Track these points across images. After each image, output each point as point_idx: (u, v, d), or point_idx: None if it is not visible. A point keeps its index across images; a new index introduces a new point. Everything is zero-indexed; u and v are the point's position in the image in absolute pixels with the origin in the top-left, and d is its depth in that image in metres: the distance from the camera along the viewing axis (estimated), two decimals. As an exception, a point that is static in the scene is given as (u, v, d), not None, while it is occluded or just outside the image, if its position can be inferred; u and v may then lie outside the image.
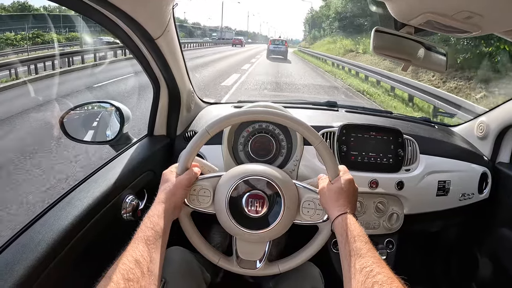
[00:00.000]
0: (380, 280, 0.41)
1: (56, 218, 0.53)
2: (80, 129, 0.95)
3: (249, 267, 0.61)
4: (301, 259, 0.61)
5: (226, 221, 0.57)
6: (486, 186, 1.00)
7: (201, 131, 0.59)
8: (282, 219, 0.56)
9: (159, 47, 0.70)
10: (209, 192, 0.60)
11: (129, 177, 0.73)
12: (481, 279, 1.04)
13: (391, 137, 0.85)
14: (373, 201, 0.85)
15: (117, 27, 0.61)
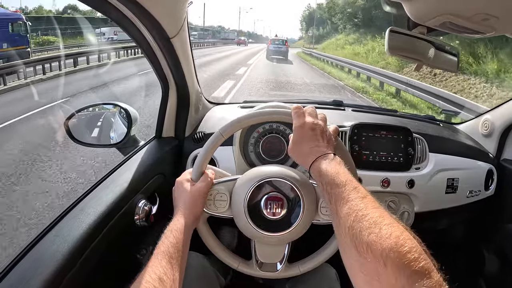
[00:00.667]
0: (370, 222, 0.37)
1: (69, 227, 0.52)
2: (86, 132, 0.93)
3: (270, 270, 0.61)
4: (321, 259, 0.61)
5: (245, 225, 0.57)
6: (492, 183, 1.01)
7: (215, 134, 0.59)
8: (302, 220, 0.56)
9: (173, 46, 0.68)
10: (226, 197, 0.59)
11: (140, 181, 0.72)
12: (489, 275, 1.06)
13: (401, 136, 0.86)
14: (385, 200, 0.86)
15: (133, 25, 0.59)
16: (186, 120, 0.89)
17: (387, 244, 0.33)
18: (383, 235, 0.34)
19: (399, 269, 0.31)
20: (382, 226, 0.36)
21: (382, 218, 0.37)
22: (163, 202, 0.77)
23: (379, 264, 0.33)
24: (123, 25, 0.59)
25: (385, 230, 0.35)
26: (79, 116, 0.91)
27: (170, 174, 0.84)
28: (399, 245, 0.33)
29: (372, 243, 0.34)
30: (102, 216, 0.56)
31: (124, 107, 0.89)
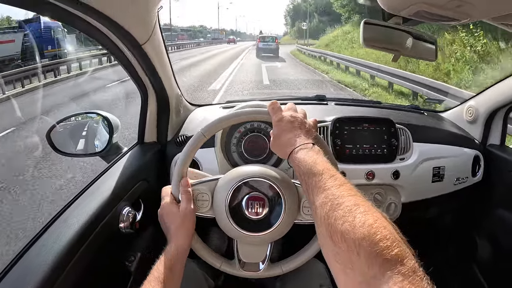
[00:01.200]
0: (342, 212, 0.36)
1: (53, 240, 0.52)
2: (69, 142, 0.92)
3: (252, 269, 0.61)
4: (303, 259, 0.61)
5: (227, 225, 0.56)
6: (479, 169, 1.01)
7: (196, 135, 0.59)
8: (284, 220, 0.55)
9: (146, 52, 0.68)
10: (208, 196, 0.59)
11: (124, 188, 0.71)
12: (482, 261, 1.06)
13: (384, 127, 0.86)
14: (371, 192, 0.86)
15: (102, 34, 0.59)
16: (168, 124, 0.88)
17: (360, 233, 0.33)
18: (357, 224, 0.34)
19: (371, 258, 0.31)
20: (356, 214, 0.35)
21: (357, 206, 0.36)
22: (148, 208, 0.77)
23: (352, 253, 0.33)
24: (93, 35, 0.58)
25: (359, 218, 0.35)
26: (60, 127, 0.90)
27: (153, 179, 0.84)
28: (371, 233, 0.33)
29: (346, 232, 0.34)
30: (85, 225, 0.56)
31: (105, 115, 0.88)
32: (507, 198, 0.97)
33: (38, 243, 0.51)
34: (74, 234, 0.53)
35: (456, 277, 1.13)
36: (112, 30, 0.57)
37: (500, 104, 0.99)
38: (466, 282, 1.09)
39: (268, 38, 15.98)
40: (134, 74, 0.75)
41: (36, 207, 2.26)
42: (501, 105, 0.99)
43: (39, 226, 0.56)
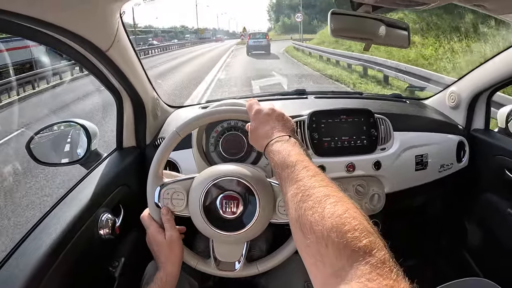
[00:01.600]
0: (312, 203, 0.36)
1: (31, 250, 0.52)
2: (49, 152, 0.92)
3: (228, 268, 0.60)
4: (280, 258, 0.60)
5: (201, 224, 0.56)
6: (464, 154, 1.01)
7: (171, 134, 0.59)
8: (258, 219, 0.55)
9: (111, 58, 0.67)
10: (183, 195, 0.59)
11: (103, 194, 0.71)
12: (472, 246, 1.06)
13: (362, 118, 0.85)
14: (352, 184, 0.85)
15: (64, 44, 0.58)
16: (145, 128, 0.88)
17: (328, 224, 0.32)
18: (326, 215, 0.33)
19: (339, 249, 0.30)
20: (326, 205, 0.34)
21: (327, 197, 0.35)
22: (128, 212, 0.76)
23: (321, 245, 0.32)
24: (54, 46, 0.58)
25: (328, 209, 0.34)
26: (38, 138, 0.90)
27: (134, 183, 0.83)
28: (340, 224, 0.32)
29: (314, 223, 0.33)
30: (64, 233, 0.56)
31: (81, 123, 0.88)
32: (494, 182, 0.97)
33: (16, 254, 0.51)
34: (52, 243, 0.53)
35: (448, 265, 1.12)
36: (73, 41, 0.57)
37: (482, 88, 0.98)
38: (459, 269, 1.08)
39: (258, 35, 15.24)
40: (105, 81, 0.75)
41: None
42: (483, 89, 0.98)
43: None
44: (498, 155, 0.94)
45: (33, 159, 0.85)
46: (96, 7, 0.56)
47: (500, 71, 0.90)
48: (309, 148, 0.82)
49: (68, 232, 0.57)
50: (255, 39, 14.82)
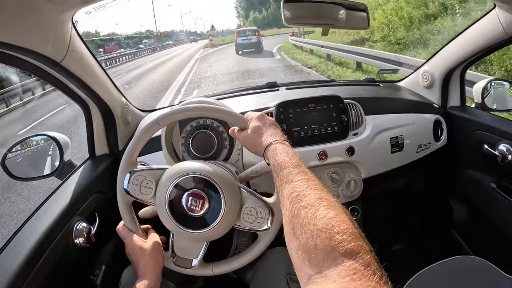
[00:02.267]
0: (307, 202, 0.37)
1: (4, 264, 0.52)
2: (24, 167, 0.91)
3: (183, 265, 0.60)
4: (236, 265, 0.60)
5: (165, 217, 0.56)
6: (442, 133, 1.00)
7: (150, 122, 0.58)
8: (221, 221, 0.55)
9: (67, 68, 0.67)
10: (152, 184, 0.59)
11: (77, 203, 0.71)
12: (459, 224, 1.05)
13: (332, 104, 0.84)
14: (326, 172, 0.84)
15: (19, 60, 0.57)
16: (116, 134, 0.87)
17: (319, 225, 0.34)
18: (317, 216, 0.35)
19: (327, 250, 0.32)
20: (319, 207, 0.36)
21: (320, 200, 0.37)
22: (104, 219, 0.76)
23: (310, 245, 0.34)
24: (11, 63, 0.57)
25: (321, 211, 0.36)
26: (12, 154, 0.90)
27: (108, 190, 0.83)
28: (330, 226, 0.34)
29: (306, 224, 0.35)
30: (37, 245, 0.56)
31: (52, 135, 0.88)
32: (474, 158, 0.96)
33: None
34: (26, 255, 0.53)
35: (437, 245, 1.11)
36: (25, 55, 0.56)
37: (454, 64, 0.97)
38: (448, 248, 1.07)
39: (248, 32, 13.44)
40: (69, 92, 0.74)
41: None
42: (455, 65, 0.98)
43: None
44: (476, 130, 0.94)
45: (9, 176, 0.85)
46: (43, 19, 0.55)
47: (470, 46, 0.89)
48: None
49: (42, 243, 0.57)
50: (244, 37, 13.09)
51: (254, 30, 13.56)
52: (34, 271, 0.53)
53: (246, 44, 12.86)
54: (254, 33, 13.26)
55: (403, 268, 0.77)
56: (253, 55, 11.75)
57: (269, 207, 0.58)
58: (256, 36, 13.06)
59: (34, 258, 0.54)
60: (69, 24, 0.64)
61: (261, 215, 0.58)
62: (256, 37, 13.05)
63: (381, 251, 1.13)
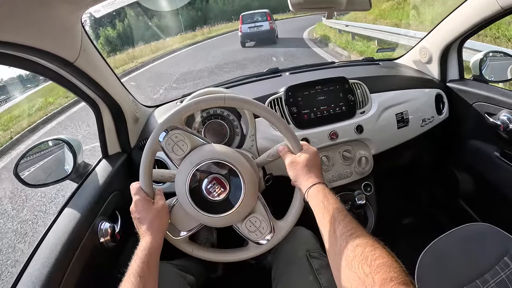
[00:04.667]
0: (363, 241, 0.42)
1: (38, 269, 0.53)
2: (37, 174, 0.92)
3: (172, 233, 0.62)
4: (213, 258, 0.63)
5: (181, 182, 0.58)
6: (443, 106, 1.03)
7: (219, 95, 0.59)
8: (234, 212, 0.57)
9: (80, 68, 0.67)
10: (186, 148, 0.59)
11: (97, 204, 0.72)
12: (465, 193, 1.08)
13: (338, 85, 0.86)
14: (338, 151, 0.86)
15: (31, 63, 0.58)
16: (127, 132, 0.88)
17: (379, 262, 0.38)
18: (375, 254, 0.39)
19: (386, 283, 0.36)
20: (374, 245, 0.41)
21: (372, 241, 0.42)
22: (125, 217, 0.77)
23: (368, 278, 0.37)
24: (24, 67, 0.57)
25: (377, 249, 0.40)
26: (24, 161, 0.90)
27: (126, 188, 0.84)
28: (388, 263, 0.38)
29: (365, 260, 0.39)
30: (67, 247, 0.57)
31: (63, 139, 0.88)
32: (476, 128, 0.99)
33: (25, 274, 0.52)
34: (57, 259, 0.54)
35: (446, 215, 1.15)
36: (40, 57, 0.56)
37: (451, 38, 1.00)
38: (457, 218, 1.11)
39: (255, 16, 9.07)
40: (79, 92, 0.74)
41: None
42: (452, 39, 1.00)
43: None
44: (476, 102, 0.97)
45: (22, 184, 0.85)
46: (56, 21, 0.55)
47: (466, 20, 0.91)
48: (290, 122, 0.84)
49: (71, 245, 0.58)
50: (251, 23, 8.84)
51: (264, 13, 9.16)
52: (67, 272, 0.55)
53: (254, 34, 8.83)
54: (265, 16, 9.01)
55: (417, 239, 0.80)
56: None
57: (273, 227, 0.61)
58: (268, 21, 8.89)
59: (65, 260, 0.56)
60: (79, 23, 0.64)
61: (262, 230, 0.60)
62: (267, 22, 8.87)
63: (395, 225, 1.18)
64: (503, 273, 0.67)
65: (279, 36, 9.14)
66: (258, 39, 8.71)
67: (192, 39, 13.22)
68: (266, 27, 8.78)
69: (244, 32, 8.86)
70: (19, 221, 2.53)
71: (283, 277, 0.65)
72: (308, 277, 0.62)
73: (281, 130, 0.60)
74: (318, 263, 0.65)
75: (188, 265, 0.79)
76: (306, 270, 0.63)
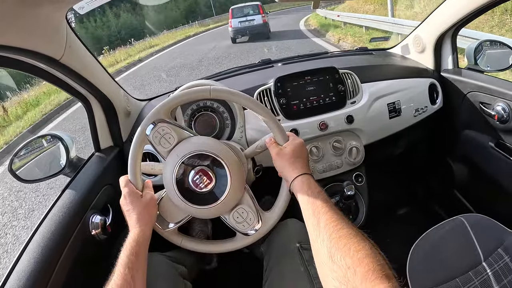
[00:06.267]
0: (346, 233, 0.42)
1: (29, 263, 0.54)
2: (32, 170, 0.93)
3: (160, 224, 0.62)
4: (201, 249, 0.63)
5: (169, 177, 0.58)
6: (437, 96, 1.02)
7: (203, 87, 0.59)
8: (221, 203, 0.57)
9: (67, 65, 0.67)
10: (173, 140, 0.60)
11: (89, 197, 0.72)
12: (460, 184, 1.08)
13: (327, 75, 0.86)
14: (329, 141, 0.86)
15: (19, 62, 0.58)
16: (119, 126, 0.88)
17: (361, 254, 0.38)
18: (358, 246, 0.39)
19: (368, 275, 0.36)
20: (356, 238, 0.41)
21: (356, 232, 0.42)
22: (117, 210, 0.78)
23: (350, 271, 0.37)
24: (10, 66, 0.58)
25: (359, 242, 0.40)
26: (18, 158, 0.91)
27: (117, 182, 0.84)
28: (371, 255, 0.38)
29: (347, 252, 0.39)
30: (59, 239, 0.58)
31: (55, 134, 0.89)
32: (470, 118, 0.98)
33: (18, 266, 0.53)
34: (48, 252, 0.55)
35: (441, 206, 1.14)
36: (25, 56, 0.57)
37: (445, 27, 0.98)
38: (451, 207, 1.10)
39: (246, 9, 8.63)
40: (69, 89, 0.75)
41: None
42: (446, 28, 0.98)
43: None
44: (470, 91, 0.95)
45: (18, 180, 0.86)
46: (40, 19, 0.55)
47: (460, 9, 0.90)
48: (279, 113, 0.83)
49: (63, 237, 0.59)
50: (242, 17, 8.38)
51: (255, 6, 8.67)
52: (58, 264, 0.56)
53: (245, 29, 8.34)
54: (257, 9, 8.53)
55: (410, 230, 0.80)
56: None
57: (260, 218, 0.60)
58: (261, 15, 8.38)
59: (57, 251, 0.57)
60: (64, 21, 0.64)
61: (249, 221, 0.60)
62: (260, 16, 8.36)
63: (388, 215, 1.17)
64: (496, 264, 0.67)
65: (271, 30, 8.84)
66: (251, 34, 8.22)
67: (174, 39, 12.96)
68: (258, 20, 8.30)
69: (235, 27, 8.31)
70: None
71: (274, 268, 0.66)
72: (299, 268, 0.63)
73: (267, 121, 0.60)
74: (309, 254, 0.65)
75: (180, 256, 0.80)
76: (297, 261, 0.64)
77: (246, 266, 0.91)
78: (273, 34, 8.73)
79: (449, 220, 0.76)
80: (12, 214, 2.68)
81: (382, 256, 0.39)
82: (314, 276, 0.61)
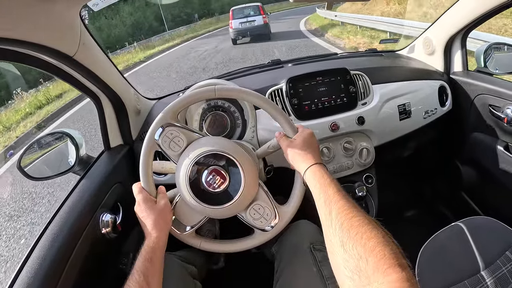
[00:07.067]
0: (357, 222, 0.41)
1: (39, 261, 0.54)
2: (40, 167, 0.93)
3: (178, 228, 0.62)
4: (222, 249, 0.63)
5: (182, 181, 0.58)
6: (447, 98, 1.02)
7: (208, 87, 0.59)
8: (234, 203, 0.56)
9: (80, 62, 0.67)
10: (183, 143, 0.60)
11: (99, 196, 0.72)
12: (468, 186, 1.08)
13: (339, 76, 0.86)
14: (339, 142, 0.86)
15: (31, 57, 0.58)
16: (129, 124, 0.88)
17: (373, 243, 0.37)
18: (370, 235, 0.38)
19: (380, 264, 0.35)
20: (369, 227, 0.40)
21: (368, 220, 0.41)
22: (127, 209, 0.78)
23: (361, 260, 0.36)
24: (24, 61, 0.57)
25: (371, 230, 0.39)
26: (27, 155, 0.91)
27: (127, 180, 0.84)
28: (384, 243, 0.37)
29: (359, 241, 0.38)
30: (69, 237, 0.58)
31: (65, 132, 0.88)
32: (480, 121, 0.98)
33: (28, 263, 0.53)
34: (58, 250, 0.55)
35: (448, 207, 1.14)
36: (39, 52, 0.57)
37: (455, 30, 0.98)
38: (459, 210, 1.10)
39: (247, 10, 8.60)
40: (80, 86, 0.75)
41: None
42: (456, 31, 0.98)
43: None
44: (480, 94, 0.95)
45: (26, 177, 0.86)
46: (54, 15, 0.55)
47: (470, 11, 0.90)
48: (291, 114, 0.83)
49: (72, 237, 0.59)
50: (242, 18, 8.38)
51: (256, 7, 8.65)
52: (69, 262, 0.56)
53: (246, 30, 8.30)
54: (258, 10, 8.51)
55: (419, 231, 0.79)
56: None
57: (277, 212, 0.60)
58: (262, 16, 8.39)
59: (67, 250, 0.57)
60: (78, 17, 0.64)
61: (266, 216, 0.60)
62: (261, 17, 8.37)
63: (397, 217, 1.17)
64: (504, 267, 0.67)
65: (272, 31, 8.85)
66: (252, 35, 8.22)
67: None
68: (259, 21, 8.33)
69: (235, 28, 8.32)
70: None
71: (286, 268, 0.66)
72: (311, 268, 0.63)
73: (274, 115, 0.60)
74: (322, 255, 0.65)
75: (190, 256, 0.80)
76: (309, 262, 0.64)
77: (254, 266, 0.91)
78: (274, 35, 8.81)
79: (457, 223, 0.76)
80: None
81: (396, 245, 0.38)
82: (327, 277, 0.60)
